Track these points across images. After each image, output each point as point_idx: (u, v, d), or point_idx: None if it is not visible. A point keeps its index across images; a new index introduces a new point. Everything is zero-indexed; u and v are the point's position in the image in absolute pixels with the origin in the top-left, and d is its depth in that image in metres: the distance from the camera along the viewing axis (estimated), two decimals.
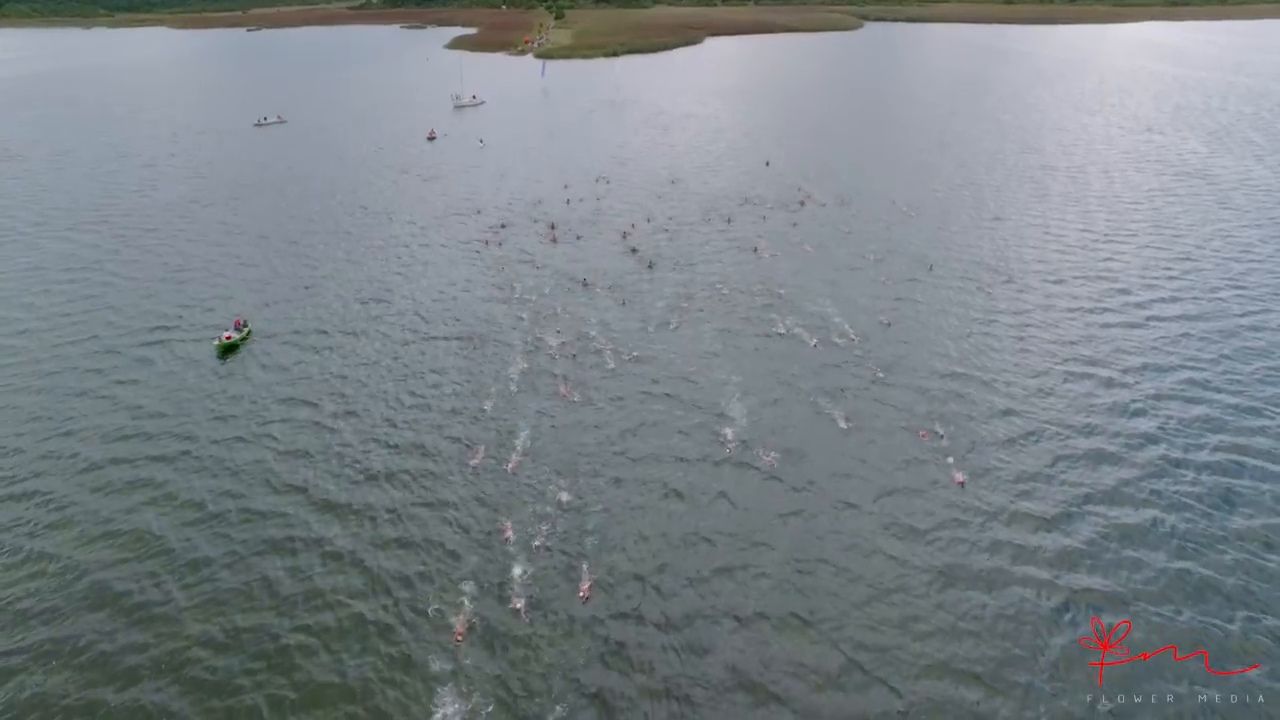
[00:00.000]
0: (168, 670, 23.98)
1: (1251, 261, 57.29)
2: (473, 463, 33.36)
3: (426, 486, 32.25)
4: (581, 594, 26.03)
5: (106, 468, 34.30)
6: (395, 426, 36.73)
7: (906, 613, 25.79)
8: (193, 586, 27.26)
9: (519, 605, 25.90)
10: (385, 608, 26.08)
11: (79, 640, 25.17)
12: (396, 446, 35.04)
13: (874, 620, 25.49)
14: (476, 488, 31.99)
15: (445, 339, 45.33)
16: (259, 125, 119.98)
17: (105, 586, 27.40)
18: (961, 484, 31.47)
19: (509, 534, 29.12)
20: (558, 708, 22.43)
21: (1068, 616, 25.60)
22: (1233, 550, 28.40)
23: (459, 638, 24.46)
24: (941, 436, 34.83)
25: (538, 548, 28.46)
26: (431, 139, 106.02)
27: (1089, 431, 35.72)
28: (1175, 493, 31.55)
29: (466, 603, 26.07)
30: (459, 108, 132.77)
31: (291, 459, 34.35)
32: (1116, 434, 35.50)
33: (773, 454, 33.74)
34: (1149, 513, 30.41)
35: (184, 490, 32.51)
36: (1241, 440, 35.04)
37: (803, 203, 72.42)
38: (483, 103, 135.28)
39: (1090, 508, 30.71)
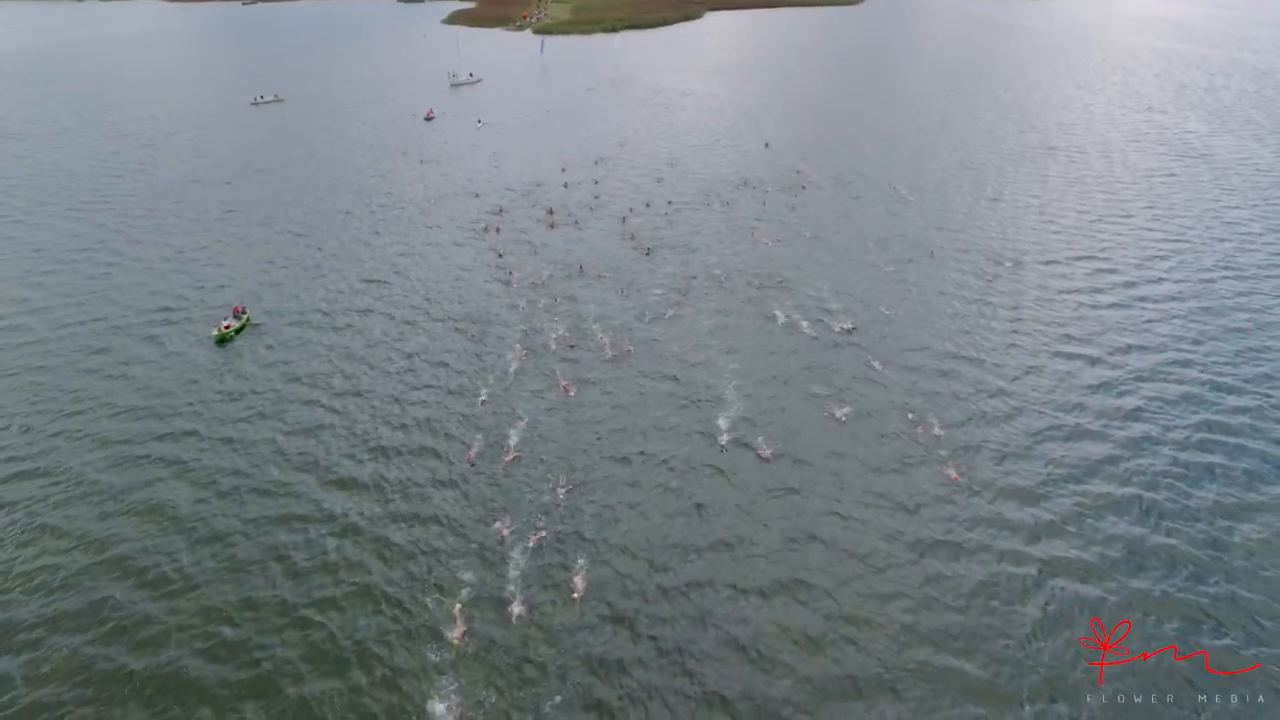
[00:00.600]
0: (184, 640, 25.04)
1: (1243, 242, 57.79)
2: (472, 451, 34.01)
3: (430, 469, 33.09)
4: (576, 593, 26.54)
5: (117, 446, 35.20)
6: (402, 406, 37.53)
7: (897, 590, 26.74)
8: (205, 562, 28.24)
9: (520, 586, 26.83)
10: (391, 582, 27.07)
11: (100, 611, 26.25)
12: (399, 431, 35.81)
13: (866, 602, 26.42)
14: (477, 472, 32.83)
15: (445, 328, 45.79)
16: (256, 104, 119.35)
17: (122, 560, 28.43)
18: (957, 479, 31.76)
19: (509, 517, 30.04)
20: (560, 691, 23.42)
21: (1062, 606, 26.07)
22: (1231, 543, 28.70)
23: (459, 635, 24.98)
24: (937, 429, 35.08)
25: (538, 531, 29.38)
26: (430, 119, 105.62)
27: (1087, 420, 36.21)
28: (1177, 481, 32.03)
29: (468, 585, 26.99)
30: (455, 86, 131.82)
31: (297, 441, 35.17)
32: (1114, 422, 36.02)
33: (771, 442, 34.34)
34: (1148, 501, 30.91)
35: (194, 469, 33.38)
36: (1234, 423, 35.64)
37: (803, 186, 72.48)
38: (480, 81, 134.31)
39: (1086, 495, 31.33)
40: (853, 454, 33.63)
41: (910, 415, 36.06)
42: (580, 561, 27.87)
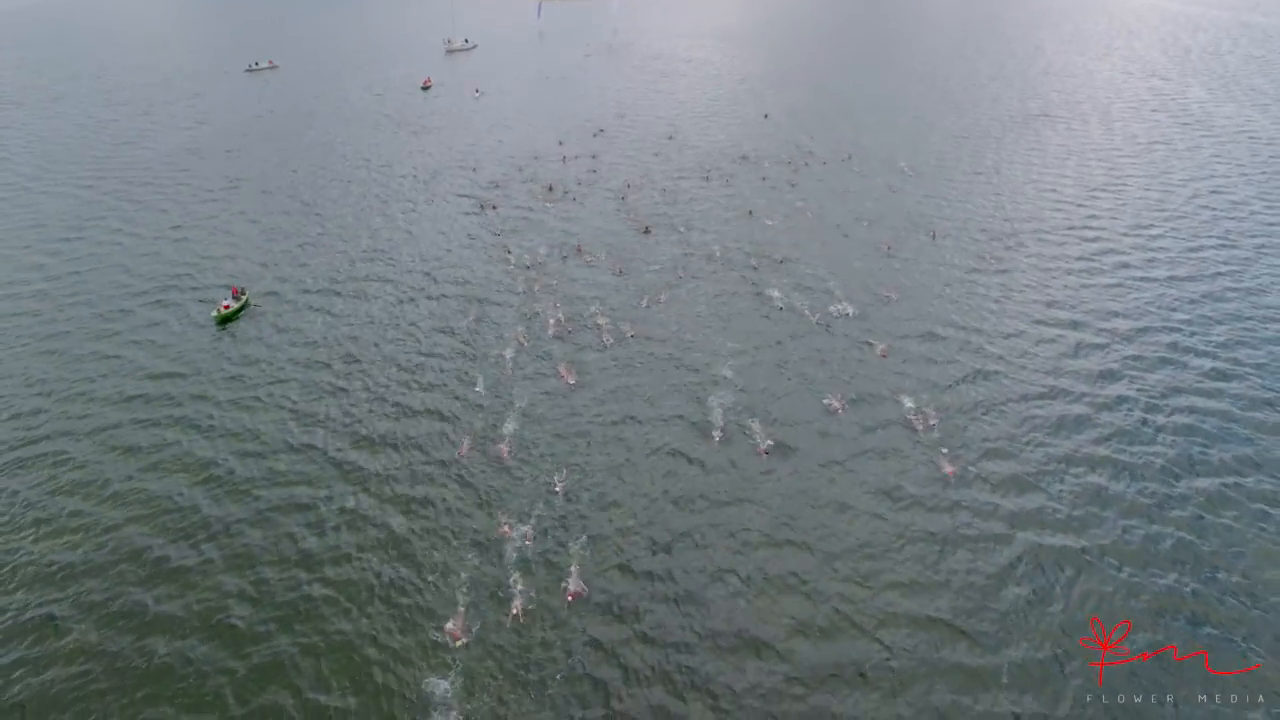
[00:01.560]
0: (197, 615, 26.18)
1: (1238, 216, 58.07)
2: (471, 435, 34.57)
3: (434, 449, 34.04)
4: (577, 568, 27.20)
5: (126, 426, 35.99)
6: (409, 386, 38.26)
7: (901, 579, 27.40)
8: (225, 520, 29.33)
9: (524, 558, 27.90)
10: (401, 545, 28.22)
11: (117, 588, 27.27)
12: (404, 407, 36.71)
13: (857, 571, 27.42)
14: (479, 452, 33.84)
15: (445, 309, 46.06)
16: (251, 70, 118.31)
17: (135, 537, 29.40)
18: (951, 474, 31.68)
19: (512, 494, 31.08)
20: (565, 660, 24.71)
21: (1067, 602, 26.25)
22: (1234, 538, 28.68)
23: (458, 634, 25.32)
24: (934, 414, 35.21)
25: (540, 506, 30.44)
26: (426, 88, 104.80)
27: (1082, 400, 36.50)
28: (1180, 467, 32.10)
29: (473, 556, 28.11)
30: (451, 52, 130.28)
31: (302, 421, 35.99)
32: (1107, 401, 36.39)
33: (767, 423, 34.81)
34: (1151, 493, 30.94)
35: (203, 447, 34.32)
36: (1230, 407, 35.82)
37: (803, 160, 72.13)
38: (475, 47, 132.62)
39: (1080, 476, 31.78)
40: (848, 435, 34.28)
41: (909, 402, 36.25)
42: (582, 536, 28.93)
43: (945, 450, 33.11)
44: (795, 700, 23.22)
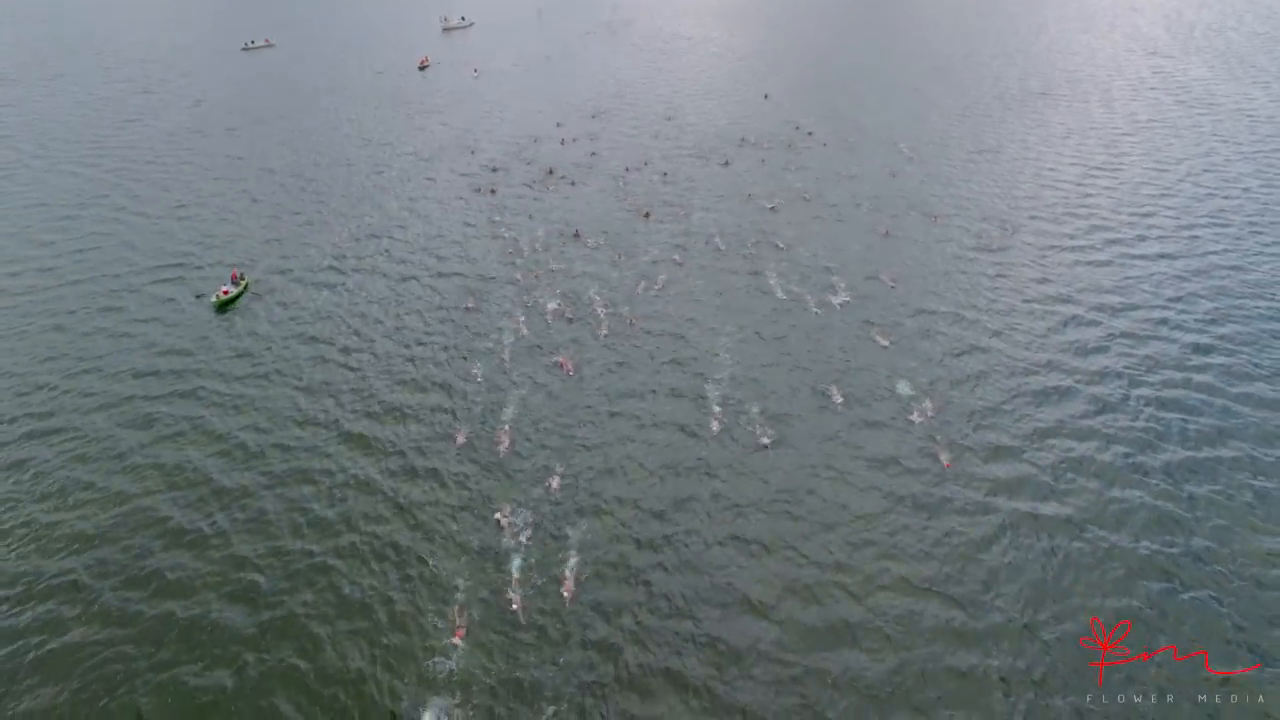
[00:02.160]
0: (210, 584, 27.00)
1: (1231, 194, 58.28)
2: (461, 438, 34.24)
3: (436, 430, 34.73)
4: (575, 561, 27.51)
5: (138, 401, 36.63)
6: (413, 361, 38.86)
7: (893, 549, 28.30)
8: (231, 508, 30.10)
9: (526, 543, 28.67)
10: (404, 524, 29.03)
11: (130, 561, 28.07)
12: (404, 390, 37.29)
13: (855, 552, 28.23)
14: (479, 440, 34.61)
15: (443, 297, 45.97)
16: (247, 49, 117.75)
17: (150, 508, 30.19)
18: (948, 466, 31.78)
19: (515, 478, 31.77)
20: (566, 642, 25.73)
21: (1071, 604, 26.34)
22: (1232, 529, 28.63)
23: (463, 606, 25.89)
24: (929, 402, 35.29)
25: (541, 491, 31.09)
26: (423, 67, 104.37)
27: (1081, 386, 36.52)
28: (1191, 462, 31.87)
29: (475, 540, 28.94)
30: (447, 30, 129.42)
31: (309, 396, 36.74)
32: (1105, 388, 36.42)
33: (767, 412, 35.00)
34: (1156, 493, 30.64)
35: (212, 422, 34.98)
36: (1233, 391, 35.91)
37: (803, 143, 72.07)
38: (472, 24, 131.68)
39: (1080, 464, 31.92)
40: (845, 415, 34.72)
41: (905, 384, 36.49)
42: (584, 512, 29.66)
43: (939, 437, 33.28)
44: (787, 666, 24.14)
